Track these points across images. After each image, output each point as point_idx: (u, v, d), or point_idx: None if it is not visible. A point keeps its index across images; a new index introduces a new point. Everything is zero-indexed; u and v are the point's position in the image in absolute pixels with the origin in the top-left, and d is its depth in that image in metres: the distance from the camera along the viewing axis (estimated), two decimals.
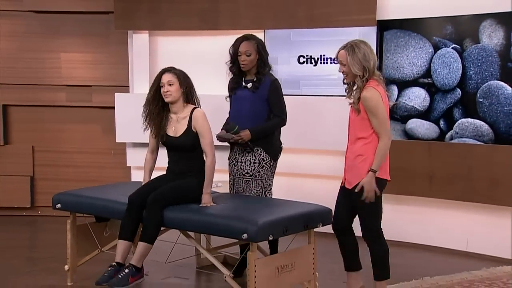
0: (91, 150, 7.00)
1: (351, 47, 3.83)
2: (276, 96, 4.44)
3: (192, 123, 4.27)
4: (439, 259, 5.46)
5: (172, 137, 4.31)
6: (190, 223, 3.95)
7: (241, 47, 4.46)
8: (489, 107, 5.42)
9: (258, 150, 4.43)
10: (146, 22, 6.47)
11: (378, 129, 3.81)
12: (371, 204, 3.85)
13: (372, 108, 3.79)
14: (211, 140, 4.28)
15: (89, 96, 6.92)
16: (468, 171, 5.42)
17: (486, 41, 5.40)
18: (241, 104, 4.48)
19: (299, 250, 4.08)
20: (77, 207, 4.53)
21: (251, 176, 4.45)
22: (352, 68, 3.81)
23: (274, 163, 4.50)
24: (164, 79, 4.30)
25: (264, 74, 4.43)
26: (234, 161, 4.55)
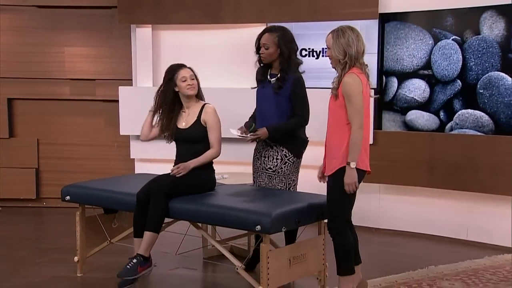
0: (94, 142, 6.83)
1: (336, 32, 3.65)
2: (298, 94, 4.11)
3: (202, 116, 4.11)
4: (441, 248, 5.32)
5: (181, 129, 4.14)
6: (201, 215, 3.76)
7: (262, 39, 4.19)
8: (489, 98, 5.26)
9: (280, 146, 4.15)
10: (149, 16, 6.27)
11: (351, 117, 3.56)
12: (340, 195, 3.61)
13: (349, 94, 3.55)
14: (219, 136, 4.12)
15: (92, 90, 6.74)
16: (469, 161, 5.26)
17: (486, 33, 5.24)
18: (266, 102, 4.19)
19: (310, 241, 3.92)
20: (86, 199, 4.35)
21: (274, 172, 4.19)
22: (333, 51, 3.63)
23: (297, 160, 4.21)
24: (186, 73, 4.16)
25: (287, 72, 4.10)
26: (257, 154, 4.29)
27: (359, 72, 3.62)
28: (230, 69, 6.11)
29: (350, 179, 3.57)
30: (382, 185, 5.70)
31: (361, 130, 3.57)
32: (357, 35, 3.64)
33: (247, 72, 6.01)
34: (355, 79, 3.57)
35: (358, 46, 3.62)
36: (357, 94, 3.55)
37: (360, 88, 3.57)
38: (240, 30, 6.15)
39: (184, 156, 4.10)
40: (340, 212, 3.67)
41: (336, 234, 3.67)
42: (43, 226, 6.40)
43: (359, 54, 3.62)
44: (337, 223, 3.66)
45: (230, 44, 6.19)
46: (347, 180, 3.58)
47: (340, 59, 3.62)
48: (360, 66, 3.64)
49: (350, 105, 3.57)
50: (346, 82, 3.57)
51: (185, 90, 4.12)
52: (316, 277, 4.04)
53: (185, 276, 4.50)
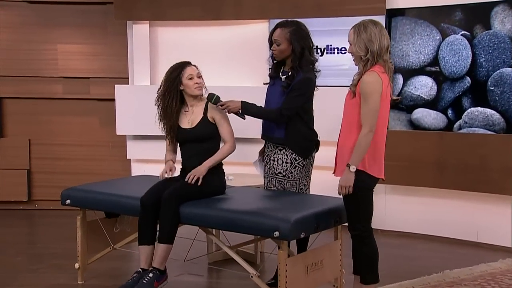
0: (89, 143, 6.59)
1: (358, 26, 3.39)
2: (295, 90, 3.80)
3: (209, 113, 3.85)
4: (451, 250, 5.13)
5: (187, 129, 3.88)
6: (214, 220, 3.51)
7: (273, 35, 3.90)
8: (500, 95, 5.06)
9: (289, 149, 3.88)
10: (147, 12, 6.02)
11: (363, 118, 3.30)
12: (355, 200, 3.37)
13: (366, 93, 3.29)
14: (231, 129, 3.89)
15: (86, 88, 6.51)
16: (480, 161, 5.07)
17: (498, 27, 5.03)
18: (273, 100, 3.91)
19: (327, 247, 3.69)
20: (88, 203, 4.09)
21: (284, 177, 3.91)
22: (355, 47, 3.37)
23: (307, 162, 3.93)
24: (192, 71, 3.90)
25: (298, 70, 3.82)
26: (266, 158, 4.01)
27: (381, 71, 3.36)
28: (231, 67, 5.87)
29: (345, 182, 3.33)
30: (388, 185, 5.49)
31: (370, 134, 3.30)
32: (381, 30, 3.38)
33: (249, 70, 5.89)
34: (375, 78, 3.32)
35: (381, 42, 3.35)
36: (375, 94, 3.30)
37: (380, 88, 3.32)
38: (241, 27, 5.95)
39: (193, 156, 3.84)
40: (359, 218, 3.43)
41: (359, 241, 3.44)
42: (36, 229, 6.12)
43: (382, 51, 3.35)
44: (359, 229, 3.43)
45: (231, 41, 5.98)
46: (342, 183, 3.34)
47: (361, 55, 3.37)
48: (383, 64, 3.38)
49: (365, 104, 3.31)
50: (365, 81, 3.32)
51: (192, 90, 3.86)
52: (332, 284, 3.81)
53: (192, 283, 4.26)
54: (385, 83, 3.35)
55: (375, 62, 3.35)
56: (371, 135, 3.31)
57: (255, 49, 5.78)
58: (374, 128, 3.31)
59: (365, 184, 3.40)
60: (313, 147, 3.98)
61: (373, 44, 3.33)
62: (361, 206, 3.41)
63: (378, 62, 3.35)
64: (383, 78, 3.34)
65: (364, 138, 3.30)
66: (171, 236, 3.66)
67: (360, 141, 3.31)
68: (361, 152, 3.31)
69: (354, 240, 3.45)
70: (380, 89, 3.32)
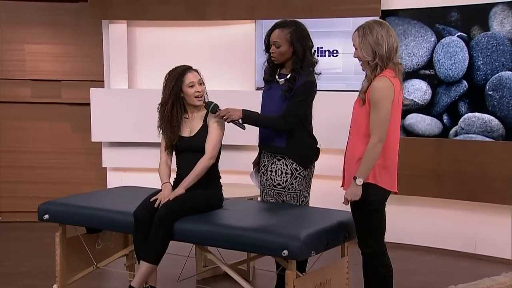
0: (59, 150, 6.28)
1: (363, 29, 3.15)
2: (298, 94, 3.57)
3: (208, 119, 3.60)
4: (449, 263, 4.97)
5: (186, 137, 3.61)
6: (214, 237, 3.24)
7: (272, 36, 3.64)
8: (499, 100, 4.93)
9: (289, 159, 3.64)
10: (124, 11, 5.73)
11: (372, 127, 3.09)
12: (365, 215, 3.18)
13: (376, 100, 3.07)
14: (217, 141, 3.56)
15: (57, 92, 6.19)
16: (480, 170, 4.92)
17: (497, 28, 4.90)
18: (272, 106, 3.65)
19: (334, 265, 3.46)
20: (70, 219, 3.78)
21: (284, 189, 3.67)
22: (361, 52, 3.15)
23: (308, 172, 3.70)
24: (194, 77, 3.61)
25: (300, 72, 3.57)
26: (262, 169, 3.76)
27: (393, 76, 3.14)
28: (216, 70, 5.61)
29: (351, 196, 3.12)
30: None
31: (380, 144, 3.09)
32: (388, 31, 3.15)
33: (235, 73, 5.67)
34: (386, 84, 3.10)
35: (390, 44, 3.13)
36: (386, 102, 3.09)
37: (391, 95, 3.11)
38: (227, 28, 5.73)
39: (190, 167, 3.56)
40: (370, 234, 3.21)
41: (372, 260, 3.22)
42: (3, 245, 5.73)
43: (391, 53, 3.14)
44: (371, 246, 3.21)
45: (216, 43, 5.75)
46: (348, 196, 3.13)
47: (369, 60, 3.15)
48: (394, 67, 3.17)
49: (375, 112, 3.09)
50: (375, 87, 3.10)
51: (192, 99, 3.59)
52: None
53: None
54: (397, 89, 3.14)
55: (384, 66, 3.14)
56: (381, 145, 3.10)
57: (242, 51, 5.59)
58: (383, 138, 3.10)
59: (377, 197, 3.19)
60: (314, 156, 3.76)
61: (381, 47, 3.11)
62: (372, 221, 3.20)
63: (388, 66, 3.14)
64: (394, 83, 3.13)
65: (373, 149, 3.09)
66: (159, 256, 3.40)
67: (368, 152, 3.10)
68: (369, 163, 3.11)
69: (366, 258, 3.24)
70: (392, 96, 3.11)
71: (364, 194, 3.14)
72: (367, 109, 3.14)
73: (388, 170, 3.19)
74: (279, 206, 3.63)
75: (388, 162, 3.19)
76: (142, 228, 3.40)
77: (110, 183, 5.91)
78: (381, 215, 3.24)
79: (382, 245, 3.24)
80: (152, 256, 3.38)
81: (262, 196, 3.82)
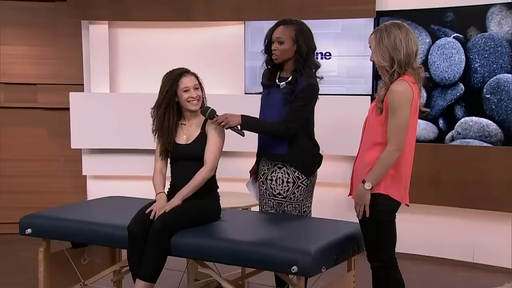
0: (36, 157, 6.02)
1: (380, 32, 2.98)
2: (300, 98, 3.38)
3: (206, 127, 3.40)
4: (448, 273, 4.84)
5: (182, 145, 3.40)
6: (217, 253, 3.03)
7: (275, 32, 3.45)
8: (497, 104, 4.82)
9: (291, 167, 3.46)
10: (106, 11, 5.53)
11: (390, 134, 2.92)
12: (376, 227, 3.02)
13: (395, 106, 2.89)
14: (217, 151, 3.37)
15: (33, 96, 5.95)
16: (480, 176, 4.81)
17: (494, 29, 4.79)
18: (272, 111, 3.46)
19: (341, 281, 3.28)
20: (55, 233, 3.54)
21: (285, 198, 3.49)
22: (376, 57, 2.97)
23: (311, 180, 3.52)
24: (189, 82, 3.40)
25: (303, 74, 3.39)
26: (262, 177, 3.57)
27: (413, 81, 2.97)
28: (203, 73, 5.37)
29: (359, 199, 2.97)
30: None
31: (397, 153, 2.92)
32: (407, 34, 2.96)
33: (223, 76, 5.47)
34: (406, 87, 2.92)
35: (409, 48, 2.94)
36: (405, 107, 2.91)
37: (410, 100, 2.93)
38: (214, 29, 5.57)
39: (186, 176, 3.35)
40: (379, 247, 3.05)
41: (382, 274, 3.06)
42: None
43: (411, 58, 2.94)
44: (382, 260, 3.05)
45: (202, 45, 5.57)
46: (357, 199, 2.98)
47: (385, 66, 2.97)
48: (413, 72, 2.98)
49: (393, 118, 2.92)
50: (394, 91, 2.91)
51: (186, 104, 3.39)
52: None
53: None
54: (416, 95, 2.97)
55: (402, 72, 2.95)
56: (398, 154, 2.93)
57: (230, 54, 5.44)
58: (401, 146, 2.93)
59: (387, 207, 3.03)
60: (317, 163, 3.59)
61: (398, 52, 2.92)
62: (382, 233, 3.04)
63: (407, 72, 2.96)
64: (414, 89, 2.96)
65: (389, 156, 2.92)
66: (156, 273, 3.18)
67: (383, 158, 2.93)
68: (381, 169, 2.94)
69: (377, 272, 3.07)
70: (410, 101, 2.94)
71: (374, 205, 2.98)
72: (384, 119, 2.96)
73: (400, 181, 3.02)
74: (281, 217, 3.44)
75: (402, 172, 3.01)
76: (137, 243, 3.18)
77: (90, 192, 5.73)
78: (391, 228, 3.08)
79: (393, 258, 3.09)
80: (149, 274, 3.16)
81: (261, 206, 3.63)
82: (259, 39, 5.32)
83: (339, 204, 5.11)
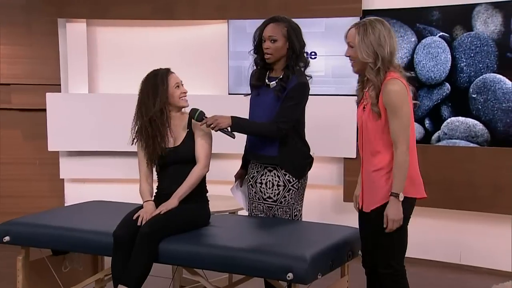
0: (10, 160, 5.89)
1: (363, 26, 2.89)
2: (290, 98, 3.28)
3: (193, 127, 3.29)
4: (436, 275, 4.79)
5: (170, 148, 3.27)
6: (209, 259, 2.90)
7: (266, 30, 3.34)
8: (484, 103, 4.78)
9: (282, 170, 3.36)
10: (84, 9, 5.42)
11: (396, 135, 2.84)
12: (395, 231, 2.92)
13: (396, 106, 2.81)
14: (208, 149, 3.28)
15: (7, 97, 5.82)
16: (467, 177, 4.76)
17: (480, 28, 4.75)
18: (262, 112, 3.35)
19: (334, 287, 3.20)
20: (36, 241, 3.38)
21: (275, 202, 3.39)
22: (360, 52, 2.88)
23: (302, 183, 3.42)
24: (177, 79, 3.32)
25: (294, 72, 3.32)
26: (251, 181, 3.46)
27: (400, 77, 2.91)
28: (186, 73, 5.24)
29: (396, 215, 2.87)
30: None
31: (408, 152, 2.85)
32: (389, 31, 2.91)
33: (207, 76, 5.38)
34: (401, 85, 2.85)
35: (391, 45, 2.88)
36: (405, 105, 2.84)
37: (407, 97, 2.87)
38: (197, 28, 5.47)
39: (178, 179, 3.23)
40: (393, 254, 2.97)
41: (391, 282, 2.97)
42: None
43: (393, 55, 2.90)
44: (393, 267, 2.97)
45: (185, 44, 5.47)
46: (393, 216, 2.86)
47: (369, 62, 2.88)
48: (397, 70, 2.92)
49: (395, 119, 2.83)
50: (392, 91, 2.83)
51: (178, 100, 3.27)
52: None
53: None
54: (409, 91, 2.91)
55: (386, 70, 2.88)
56: (408, 153, 2.85)
57: (213, 53, 5.35)
58: (409, 144, 2.86)
59: (406, 212, 2.93)
60: (308, 165, 3.49)
61: (382, 48, 2.85)
62: (396, 240, 2.95)
63: (389, 70, 2.89)
64: (406, 85, 2.89)
65: (403, 158, 2.83)
66: (141, 280, 3.05)
67: (400, 162, 2.83)
68: (403, 174, 2.84)
69: (385, 280, 2.98)
70: (407, 98, 2.88)
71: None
72: (384, 121, 2.88)
73: (413, 178, 2.93)
74: (272, 221, 3.34)
75: (413, 169, 2.92)
76: (123, 249, 3.05)
77: (68, 196, 5.62)
78: (406, 233, 3.02)
79: (403, 266, 3.02)
80: (133, 281, 3.03)
81: (250, 211, 3.52)
82: (242, 38, 5.29)
83: (325, 207, 5.03)
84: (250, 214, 3.53)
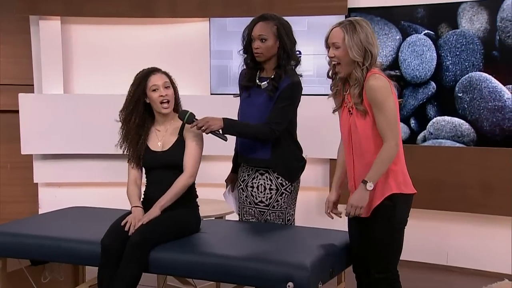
0: None
1: (350, 25, 2.81)
2: (283, 100, 3.17)
3: (184, 132, 3.13)
4: (423, 276, 4.70)
5: (157, 152, 3.12)
6: (203, 269, 2.76)
7: (255, 29, 3.22)
8: (470, 103, 4.71)
9: (274, 173, 3.24)
10: (58, 5, 5.20)
11: (385, 130, 2.77)
12: (391, 234, 2.85)
13: (380, 101, 2.75)
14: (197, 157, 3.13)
15: None
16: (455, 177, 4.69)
17: (466, 26, 4.69)
18: (254, 113, 3.23)
19: None
20: (14, 251, 3.21)
21: (267, 206, 3.25)
22: (351, 51, 2.78)
23: (295, 186, 3.30)
24: (159, 79, 3.15)
25: (286, 71, 3.20)
26: (242, 184, 3.33)
27: (380, 72, 2.85)
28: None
29: (359, 202, 2.77)
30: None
31: (397, 148, 2.78)
32: (373, 30, 2.89)
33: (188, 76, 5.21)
34: (383, 80, 2.78)
35: (377, 44, 2.86)
36: (389, 99, 2.76)
37: (390, 91, 2.80)
38: (178, 26, 5.32)
39: (162, 185, 3.08)
40: (388, 258, 2.88)
41: (387, 286, 2.89)
42: None
43: (377, 53, 2.86)
44: (388, 271, 2.88)
45: (165, 43, 5.32)
46: (355, 202, 2.77)
47: (358, 61, 2.79)
48: (379, 68, 2.87)
49: (381, 114, 2.76)
50: (376, 86, 2.75)
51: (158, 105, 3.12)
52: None
53: None
54: (392, 87, 2.84)
55: (370, 68, 2.82)
56: (397, 148, 2.78)
57: (194, 52, 5.22)
58: (398, 139, 2.79)
59: (405, 213, 2.88)
60: (301, 168, 3.36)
61: (372, 46, 2.81)
62: (393, 242, 2.87)
63: (373, 68, 2.82)
64: (389, 81, 2.83)
65: (389, 152, 2.76)
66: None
67: (384, 155, 2.76)
68: (383, 167, 2.77)
69: (380, 284, 2.89)
70: (391, 92, 2.80)
71: (390, 211, 2.82)
72: (371, 119, 2.80)
73: (405, 173, 2.88)
74: (266, 227, 3.21)
75: (402, 164, 2.88)
76: (111, 259, 2.89)
77: (42, 201, 5.42)
78: (402, 235, 2.92)
79: (397, 269, 2.94)
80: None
81: (241, 215, 3.38)
82: (225, 37, 5.14)
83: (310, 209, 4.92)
84: (241, 219, 3.39)
